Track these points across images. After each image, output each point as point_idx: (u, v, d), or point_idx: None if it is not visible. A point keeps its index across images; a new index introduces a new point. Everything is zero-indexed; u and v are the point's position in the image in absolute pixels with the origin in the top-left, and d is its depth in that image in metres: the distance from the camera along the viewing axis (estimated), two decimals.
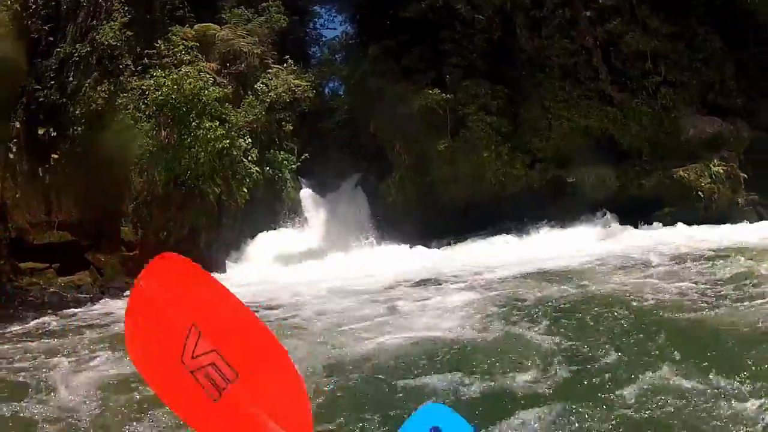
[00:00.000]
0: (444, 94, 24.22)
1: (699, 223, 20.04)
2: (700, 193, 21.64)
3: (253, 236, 23.72)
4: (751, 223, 20.57)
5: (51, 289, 16.50)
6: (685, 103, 22.70)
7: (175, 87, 18.96)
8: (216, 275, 14.95)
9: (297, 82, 24.61)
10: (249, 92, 23.52)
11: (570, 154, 23.63)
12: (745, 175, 22.11)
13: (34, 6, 16.80)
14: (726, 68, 22.82)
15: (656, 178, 22.56)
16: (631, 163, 23.25)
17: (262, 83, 23.81)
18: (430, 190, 25.48)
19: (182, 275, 2.18)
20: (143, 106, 19.02)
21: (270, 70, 24.37)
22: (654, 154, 22.98)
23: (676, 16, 22.56)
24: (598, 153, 23.22)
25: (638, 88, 22.96)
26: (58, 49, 17.32)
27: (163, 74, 19.16)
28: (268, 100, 23.62)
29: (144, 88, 19.11)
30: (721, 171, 21.81)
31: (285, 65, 24.88)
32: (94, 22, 17.93)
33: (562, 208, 22.85)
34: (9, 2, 15.80)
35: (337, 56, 35.11)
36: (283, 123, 25.05)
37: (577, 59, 23.56)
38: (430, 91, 24.27)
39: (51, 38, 17.30)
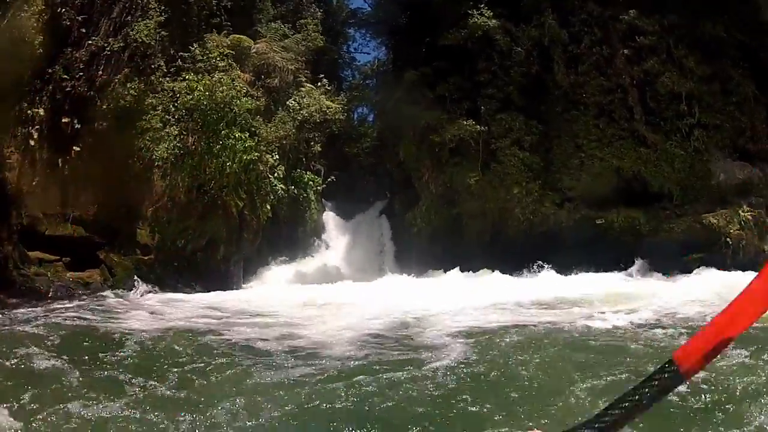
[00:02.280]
0: (478, 126, 23.09)
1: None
2: (728, 239, 20.40)
3: (273, 254, 22.63)
4: None
5: (58, 283, 15.39)
6: (718, 147, 21.53)
7: (207, 93, 18.20)
8: (232, 292, 13.53)
9: (328, 103, 23.73)
10: (280, 108, 22.65)
11: (600, 194, 22.34)
12: None
13: None
14: (757, 113, 21.72)
15: (686, 222, 21.29)
16: (661, 206, 21.94)
17: (294, 100, 22.93)
18: (457, 223, 24.21)
19: None
20: (173, 109, 18.13)
21: (303, 88, 23.52)
22: (684, 197, 21.76)
23: (712, 57, 21.53)
24: (629, 194, 22.07)
25: (672, 130, 21.79)
26: (90, 42, 16.52)
27: (196, 78, 18.34)
28: (299, 117, 22.75)
29: (176, 90, 18.24)
30: (750, 218, 20.64)
31: (318, 84, 24.02)
32: (129, 18, 17.20)
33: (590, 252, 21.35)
34: None
35: (368, 81, 34.52)
36: (311, 143, 24.13)
37: (612, 98, 22.45)
38: (465, 122, 23.19)
39: (83, 30, 16.49)
